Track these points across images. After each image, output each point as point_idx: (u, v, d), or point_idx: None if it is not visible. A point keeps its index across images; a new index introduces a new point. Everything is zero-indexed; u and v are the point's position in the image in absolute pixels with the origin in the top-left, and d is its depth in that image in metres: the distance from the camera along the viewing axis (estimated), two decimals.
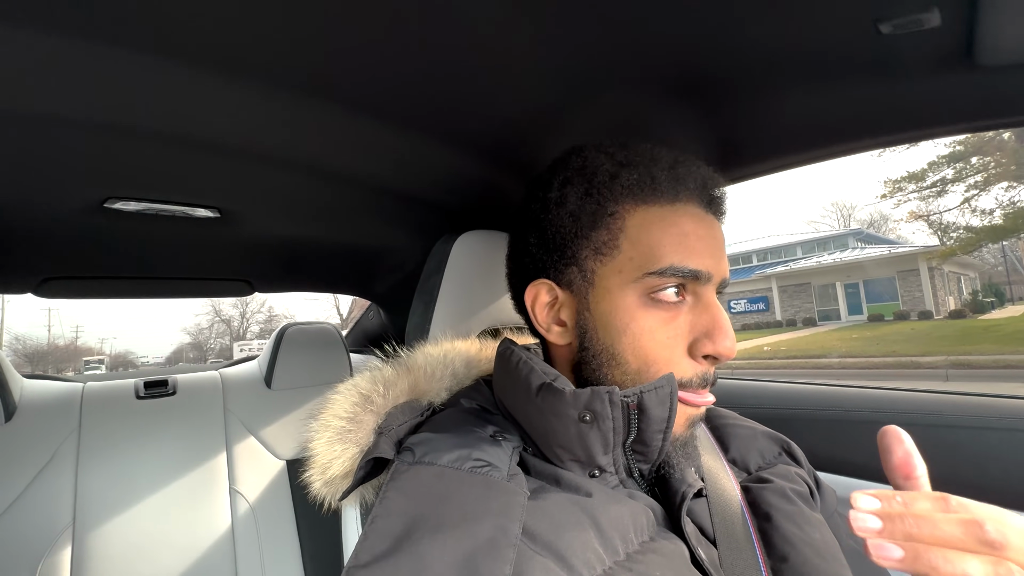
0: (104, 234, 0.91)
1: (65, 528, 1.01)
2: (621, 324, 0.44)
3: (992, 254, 17.75)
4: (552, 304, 0.49)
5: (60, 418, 1.10)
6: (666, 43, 0.55)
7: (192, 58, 0.49)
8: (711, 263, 0.44)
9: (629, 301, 0.44)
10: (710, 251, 0.45)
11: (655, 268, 0.43)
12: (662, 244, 0.44)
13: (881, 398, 0.84)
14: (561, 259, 0.48)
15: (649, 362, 0.44)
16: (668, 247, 0.43)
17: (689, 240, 0.44)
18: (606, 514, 0.40)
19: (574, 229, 0.47)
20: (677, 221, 0.44)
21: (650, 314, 0.44)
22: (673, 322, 0.44)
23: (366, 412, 0.49)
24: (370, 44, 0.50)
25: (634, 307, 0.44)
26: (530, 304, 0.50)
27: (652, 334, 0.44)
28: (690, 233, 0.44)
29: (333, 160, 0.75)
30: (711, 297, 0.45)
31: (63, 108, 0.53)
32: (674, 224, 0.44)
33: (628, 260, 0.44)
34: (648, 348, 0.44)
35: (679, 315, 0.44)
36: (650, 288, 0.44)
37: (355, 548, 0.36)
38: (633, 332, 0.44)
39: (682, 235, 0.44)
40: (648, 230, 0.44)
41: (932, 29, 0.48)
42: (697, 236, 0.44)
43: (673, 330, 0.44)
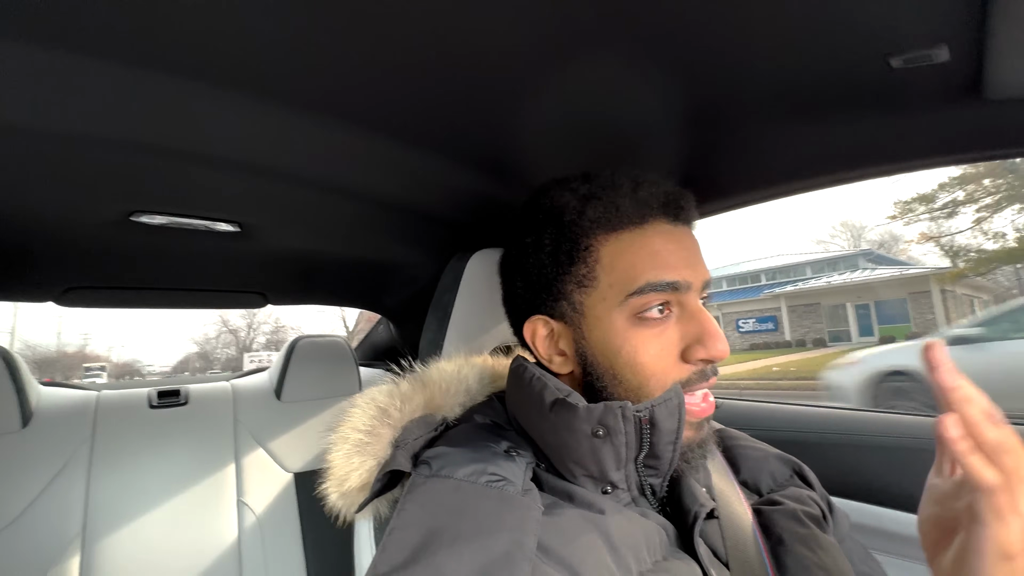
0: (127, 246, 0.94)
1: (75, 536, 1.02)
2: (615, 347, 0.46)
3: (1006, 277, 17.51)
4: (550, 336, 0.51)
5: (74, 426, 1.12)
6: (678, 73, 0.57)
7: (217, 80, 0.52)
8: (687, 272, 0.47)
9: (618, 325, 0.46)
10: (684, 261, 0.47)
11: (633, 289, 0.46)
12: (635, 266, 0.46)
13: (896, 422, 0.83)
14: (549, 296, 0.50)
15: (647, 376, 0.46)
16: (641, 267, 0.46)
17: (660, 256, 0.46)
18: (619, 532, 0.41)
19: (554, 268, 0.50)
20: (646, 242, 0.47)
21: (639, 333, 0.46)
22: (663, 335, 0.46)
23: (383, 425, 0.50)
24: (387, 65, 0.52)
25: (624, 329, 0.46)
26: (530, 339, 0.52)
27: (645, 350, 0.46)
28: (660, 249, 0.47)
29: (351, 178, 0.77)
30: (695, 305, 0.47)
31: (95, 126, 0.55)
32: (644, 245, 0.47)
33: (609, 287, 0.47)
34: (643, 363, 0.46)
35: (668, 328, 0.47)
36: (635, 309, 0.46)
37: (373, 559, 0.37)
38: (627, 352, 0.46)
39: (653, 253, 0.47)
40: (621, 256, 0.47)
41: (941, 64, 0.50)
42: (668, 251, 0.47)
43: (664, 342, 0.46)
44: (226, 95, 0.54)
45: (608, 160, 0.75)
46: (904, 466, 0.79)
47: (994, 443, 0.34)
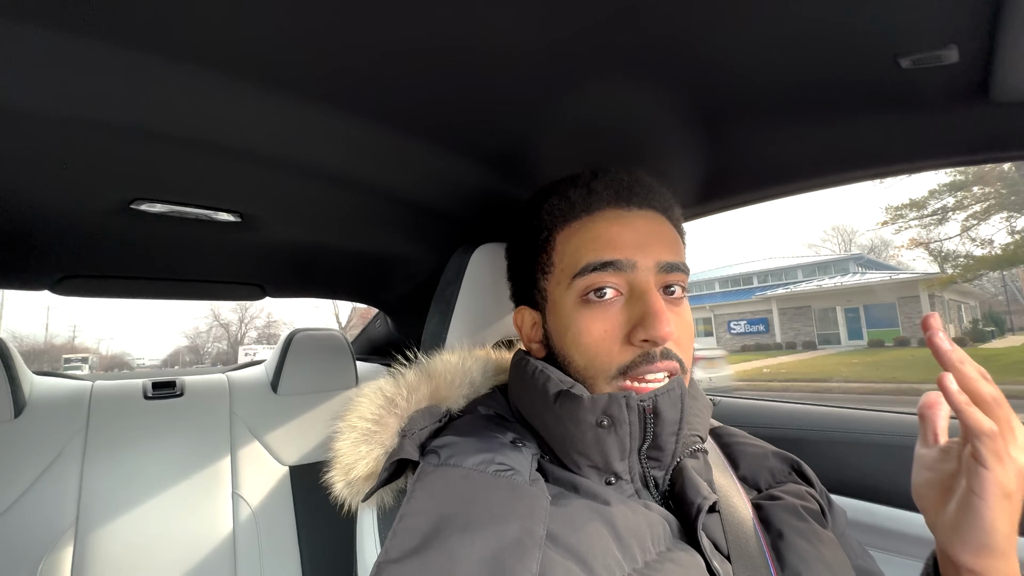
0: (126, 234, 0.93)
1: (68, 527, 1.01)
2: (563, 327, 0.49)
3: (992, 283, 17.78)
4: (533, 325, 0.55)
5: (68, 416, 1.10)
6: (685, 74, 0.57)
7: (223, 67, 0.51)
8: (631, 251, 0.48)
9: (568, 306, 0.49)
10: (629, 242, 0.48)
11: (577, 270, 0.48)
12: (579, 249, 0.49)
13: (892, 421, 0.84)
14: (525, 287, 0.56)
15: (590, 356, 0.47)
16: (583, 250, 0.49)
17: (602, 239, 0.49)
18: (624, 522, 0.41)
19: (525, 260, 0.55)
20: (592, 227, 0.50)
21: (585, 314, 0.48)
22: (607, 317, 0.47)
23: (390, 415, 0.50)
24: (395, 58, 0.52)
25: (571, 310, 0.49)
26: (518, 327, 0.57)
27: (588, 330, 0.47)
28: (603, 233, 0.49)
29: (354, 170, 0.77)
30: (645, 286, 0.47)
31: (96, 111, 0.55)
32: (589, 231, 0.50)
33: (560, 272, 0.51)
34: (587, 344, 0.47)
35: (613, 309, 0.47)
36: (580, 291, 0.48)
37: (385, 545, 0.37)
38: (573, 333, 0.48)
39: (595, 237, 0.49)
40: (569, 242, 0.51)
41: (950, 65, 0.50)
42: (612, 233, 0.49)
43: (607, 323, 0.47)
44: (232, 83, 0.54)
45: (613, 158, 0.75)
46: (899, 464, 0.80)
47: (989, 396, 0.38)
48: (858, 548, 0.56)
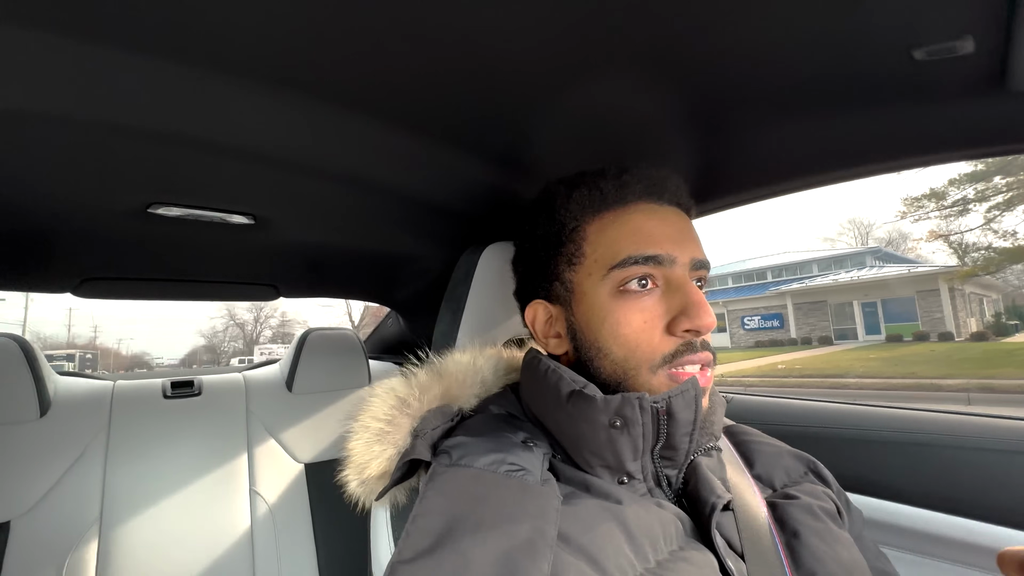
0: (143, 237, 0.95)
1: (92, 523, 1.04)
2: (599, 319, 0.49)
3: (1016, 276, 17.32)
4: (548, 320, 0.54)
5: (91, 415, 1.13)
6: (699, 70, 0.57)
7: (238, 70, 0.52)
8: (669, 246, 0.48)
9: (603, 298, 0.49)
10: (667, 237, 0.49)
11: (616, 262, 0.48)
12: (617, 241, 0.49)
13: (907, 418, 0.83)
14: (545, 279, 0.54)
15: (631, 347, 0.47)
16: (623, 242, 0.49)
17: (642, 232, 0.49)
18: (636, 521, 0.41)
19: (547, 251, 0.54)
20: (629, 219, 0.50)
21: (622, 305, 0.48)
22: (646, 308, 0.48)
23: (403, 415, 0.50)
24: (408, 59, 0.52)
25: (607, 301, 0.48)
26: (530, 323, 0.56)
27: (628, 321, 0.47)
28: (641, 226, 0.49)
29: (365, 170, 0.77)
30: (683, 279, 0.48)
31: (113, 116, 0.56)
32: (626, 223, 0.50)
33: (594, 263, 0.50)
34: (626, 335, 0.47)
35: (651, 300, 0.48)
36: (617, 282, 0.48)
37: (398, 546, 0.37)
38: (611, 324, 0.48)
39: (634, 229, 0.49)
40: (604, 233, 0.50)
41: (965, 56, 0.49)
42: (649, 227, 0.49)
43: (647, 314, 0.47)
44: (246, 86, 0.55)
45: (623, 156, 0.75)
46: (918, 462, 0.79)
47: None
48: (874, 550, 0.55)
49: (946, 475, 0.75)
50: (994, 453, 0.72)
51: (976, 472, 0.73)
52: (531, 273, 0.57)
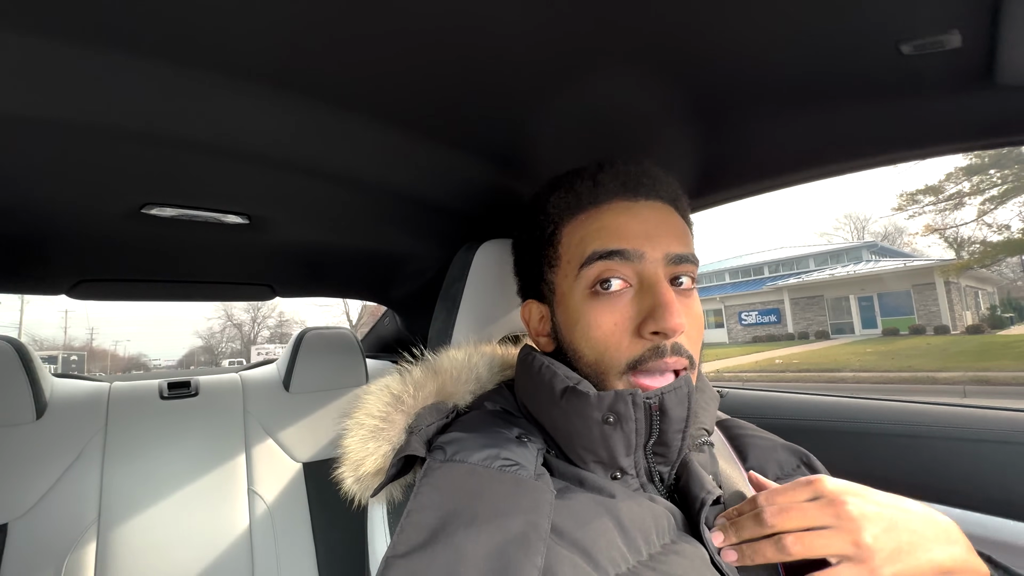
0: (138, 238, 0.95)
1: (91, 524, 1.04)
2: (573, 320, 0.49)
3: (1011, 268, 17.41)
4: (540, 319, 0.55)
5: (88, 417, 1.13)
6: (687, 65, 0.57)
7: (229, 70, 0.52)
8: (639, 241, 0.48)
9: (577, 299, 0.49)
10: (637, 232, 0.48)
11: (583, 260, 0.49)
12: (585, 240, 0.50)
13: (901, 410, 0.83)
14: (533, 280, 0.56)
15: (600, 349, 0.47)
16: (590, 240, 0.49)
17: (608, 229, 0.49)
18: (629, 515, 0.41)
19: (532, 254, 0.56)
20: (598, 218, 0.50)
21: (594, 306, 0.48)
22: (616, 309, 0.47)
23: (397, 412, 0.50)
24: (401, 57, 0.52)
25: (580, 303, 0.49)
26: (526, 321, 0.57)
27: (598, 323, 0.47)
28: (609, 223, 0.49)
29: (360, 169, 0.77)
30: (655, 277, 0.47)
31: (106, 117, 0.56)
32: (595, 221, 0.50)
33: (567, 264, 0.51)
34: (596, 337, 0.47)
35: (622, 302, 0.47)
36: (589, 282, 0.48)
37: (392, 540, 0.38)
38: (583, 325, 0.48)
39: (601, 227, 0.49)
40: (576, 234, 0.51)
41: (953, 50, 0.50)
42: (618, 223, 0.49)
43: (617, 315, 0.47)
44: (238, 86, 0.54)
45: (620, 152, 0.75)
46: (910, 454, 0.79)
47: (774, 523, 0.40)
48: None
49: (938, 466, 0.76)
50: (986, 444, 0.73)
51: (968, 462, 0.74)
52: (523, 274, 0.59)
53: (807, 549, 0.39)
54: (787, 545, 0.39)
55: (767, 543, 0.40)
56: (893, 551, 0.38)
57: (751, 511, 0.42)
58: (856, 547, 0.38)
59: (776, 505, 0.41)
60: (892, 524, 0.40)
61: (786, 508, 0.41)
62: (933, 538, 0.40)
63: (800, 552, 0.39)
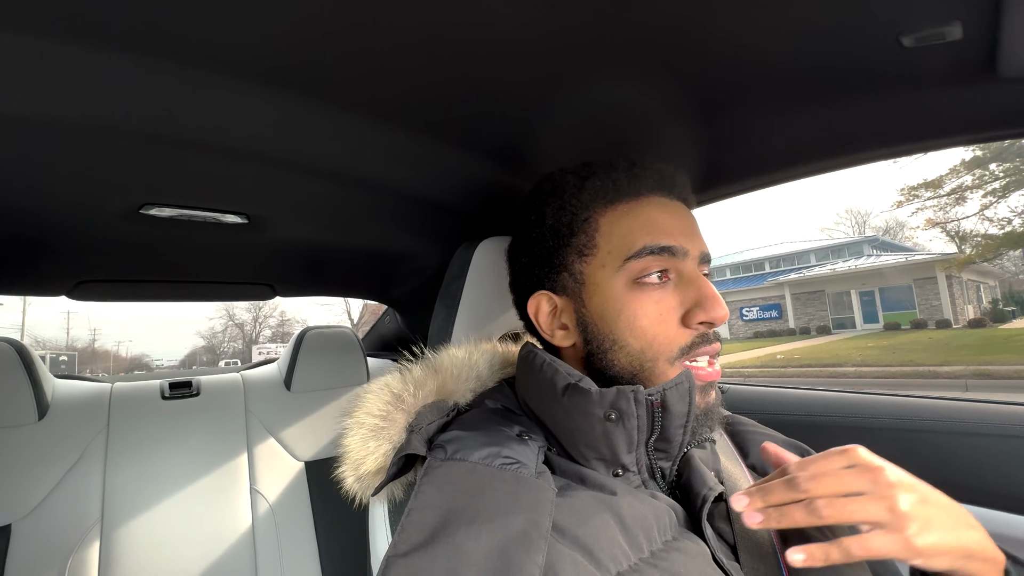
0: (137, 239, 0.95)
1: (94, 524, 1.04)
2: (615, 311, 0.48)
3: (1013, 262, 17.37)
4: (553, 312, 0.53)
5: (89, 417, 1.14)
6: (688, 61, 0.56)
7: (228, 69, 0.52)
8: (683, 239, 0.49)
9: (618, 290, 0.48)
10: (679, 230, 0.50)
11: (631, 253, 0.48)
12: (632, 232, 0.49)
13: (903, 405, 0.83)
14: (551, 269, 0.53)
15: (648, 338, 0.47)
16: (638, 233, 0.49)
17: (656, 223, 0.49)
18: (631, 512, 0.41)
19: (555, 240, 0.53)
20: (642, 211, 0.50)
21: (639, 297, 0.48)
22: (662, 300, 0.48)
23: (398, 411, 0.50)
24: (395, 53, 0.52)
25: (623, 293, 0.48)
26: (533, 315, 0.54)
27: (645, 313, 0.47)
28: (656, 218, 0.50)
29: (359, 168, 0.77)
30: (694, 272, 0.49)
31: (104, 117, 0.56)
32: (640, 214, 0.50)
33: (607, 254, 0.50)
34: (644, 327, 0.47)
35: (666, 293, 0.48)
36: (633, 274, 0.48)
37: (393, 539, 0.38)
38: (627, 316, 0.48)
39: (649, 220, 0.49)
40: (618, 224, 0.50)
41: (954, 42, 0.49)
42: (663, 219, 0.50)
43: (664, 306, 0.48)
44: (237, 85, 0.54)
45: (618, 148, 0.75)
46: (911, 449, 0.79)
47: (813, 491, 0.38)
48: None
49: (940, 461, 0.76)
50: (988, 438, 0.73)
51: (970, 457, 0.74)
52: (535, 263, 0.55)
53: (839, 513, 0.37)
54: (819, 507, 0.37)
55: (797, 507, 0.38)
56: (926, 522, 0.37)
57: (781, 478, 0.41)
58: (891, 513, 0.36)
59: (809, 472, 0.39)
60: (925, 497, 0.39)
61: (821, 474, 0.39)
62: (959, 519, 0.40)
63: (831, 516, 0.37)
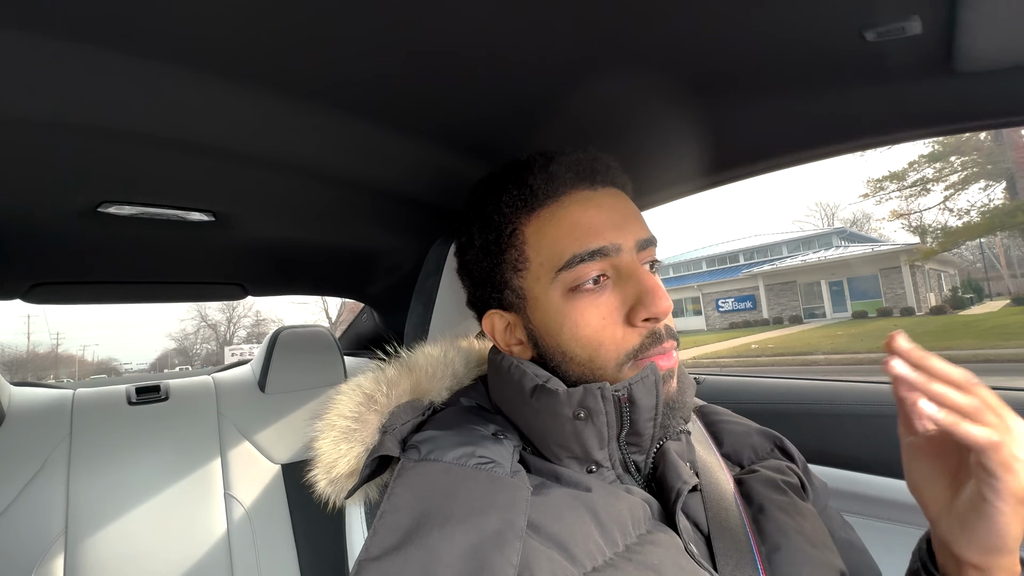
0: (96, 238, 0.91)
1: (57, 537, 1.00)
2: (557, 324, 0.47)
3: (971, 251, 18.18)
4: (506, 328, 0.52)
5: (50, 425, 1.09)
6: (654, 46, 0.56)
7: (187, 60, 0.50)
8: (613, 234, 0.47)
9: (556, 302, 0.47)
10: (608, 224, 0.47)
11: (561, 264, 0.46)
12: (558, 240, 0.47)
13: (868, 391, 0.86)
14: (494, 288, 0.52)
15: (594, 346, 0.46)
16: (564, 241, 0.47)
17: (580, 225, 0.47)
18: (605, 508, 0.41)
19: (488, 259, 0.51)
20: (564, 214, 0.48)
21: (577, 305, 0.46)
22: (601, 303, 0.46)
23: (370, 411, 0.49)
24: (365, 47, 0.51)
25: (562, 305, 0.47)
26: (490, 334, 0.54)
27: (587, 322, 0.46)
28: (579, 219, 0.47)
29: (329, 163, 0.75)
30: (632, 265, 0.47)
31: (57, 112, 0.53)
32: (563, 218, 0.48)
33: (539, 266, 0.48)
34: (588, 335, 0.46)
35: (604, 294, 0.46)
36: (567, 284, 0.46)
37: (365, 543, 0.37)
38: (569, 327, 0.46)
39: (572, 224, 0.47)
40: (543, 233, 0.48)
41: (914, 36, 0.50)
42: (588, 218, 0.47)
43: (604, 310, 0.46)
44: (197, 77, 0.52)
45: (592, 140, 0.75)
46: (878, 433, 0.82)
47: (971, 408, 0.35)
48: (839, 520, 0.57)
49: None
50: None
51: None
52: (477, 285, 0.54)
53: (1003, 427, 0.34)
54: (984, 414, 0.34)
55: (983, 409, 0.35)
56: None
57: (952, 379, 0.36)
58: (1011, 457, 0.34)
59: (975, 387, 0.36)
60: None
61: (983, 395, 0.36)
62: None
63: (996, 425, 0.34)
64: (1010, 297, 15.34)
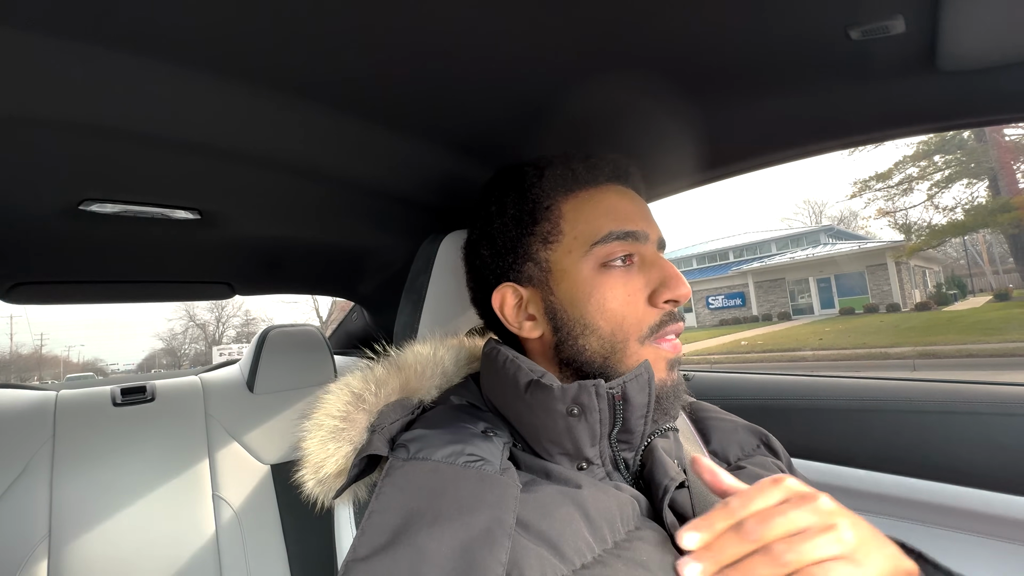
0: (79, 237, 0.89)
1: (41, 540, 0.98)
2: (584, 295, 0.49)
3: (954, 248, 18.50)
4: (519, 303, 0.54)
5: (33, 428, 1.07)
6: (641, 46, 0.56)
7: (171, 56, 0.49)
8: (643, 224, 0.52)
9: (586, 274, 0.50)
10: (639, 216, 0.52)
11: (598, 238, 0.50)
12: (597, 218, 0.51)
13: (854, 387, 0.87)
14: (515, 260, 0.53)
15: (619, 319, 0.48)
16: (602, 219, 0.51)
17: (618, 210, 0.51)
18: (595, 504, 0.42)
19: (518, 230, 0.53)
20: (603, 198, 0.52)
21: (607, 280, 0.49)
22: (629, 282, 0.50)
23: (359, 411, 0.49)
24: (354, 44, 0.50)
25: (591, 277, 0.50)
26: (498, 308, 0.54)
27: (614, 295, 0.49)
28: (617, 204, 0.52)
29: (317, 160, 0.74)
30: (656, 255, 0.52)
31: (38, 108, 0.52)
32: (601, 201, 0.52)
33: (573, 240, 0.51)
34: (614, 308, 0.49)
35: (631, 275, 0.50)
36: (600, 258, 0.50)
37: (353, 543, 0.37)
38: (597, 299, 0.49)
39: (611, 207, 0.52)
40: (581, 210, 0.52)
41: (898, 35, 0.51)
42: (624, 206, 0.52)
43: (631, 287, 0.50)
44: (183, 72, 0.51)
45: (580, 140, 0.75)
46: (863, 427, 0.83)
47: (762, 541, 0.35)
48: None
49: (888, 437, 0.80)
50: (931, 415, 0.77)
51: (915, 433, 0.78)
52: (498, 255, 0.54)
53: (801, 556, 0.34)
54: (780, 554, 0.34)
55: (758, 561, 0.34)
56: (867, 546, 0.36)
57: (724, 521, 0.37)
58: (842, 545, 0.35)
59: (753, 511, 0.36)
60: (855, 520, 0.37)
61: (768, 515, 0.36)
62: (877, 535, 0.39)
63: (795, 560, 0.33)
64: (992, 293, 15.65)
